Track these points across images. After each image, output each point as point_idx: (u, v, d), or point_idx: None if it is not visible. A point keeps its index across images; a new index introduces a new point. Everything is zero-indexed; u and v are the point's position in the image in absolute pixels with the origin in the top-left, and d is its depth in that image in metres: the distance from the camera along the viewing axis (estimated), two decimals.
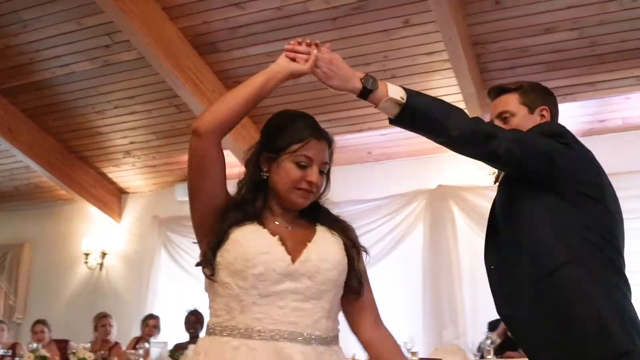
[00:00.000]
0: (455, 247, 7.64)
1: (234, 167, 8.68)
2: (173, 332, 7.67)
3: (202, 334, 7.05)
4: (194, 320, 7.41)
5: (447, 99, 7.41)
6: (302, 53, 2.29)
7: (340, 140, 8.70)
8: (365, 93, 2.42)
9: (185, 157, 8.29)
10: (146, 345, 6.50)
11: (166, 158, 8.77)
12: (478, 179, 7.89)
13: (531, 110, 2.81)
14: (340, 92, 2.47)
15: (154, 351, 6.41)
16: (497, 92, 2.88)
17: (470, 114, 7.12)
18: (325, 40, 7.12)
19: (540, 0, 6.25)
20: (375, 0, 6.39)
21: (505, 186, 2.72)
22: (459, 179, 7.90)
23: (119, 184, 9.54)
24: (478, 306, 7.38)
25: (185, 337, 7.39)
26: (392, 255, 7.73)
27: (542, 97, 2.86)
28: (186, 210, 8.61)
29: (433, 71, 7.06)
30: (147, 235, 9.21)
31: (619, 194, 7.70)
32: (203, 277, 8.17)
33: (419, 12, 6.41)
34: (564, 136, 2.63)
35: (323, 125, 8.33)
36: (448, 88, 7.14)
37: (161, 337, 7.38)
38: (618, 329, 2.37)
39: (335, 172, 9.02)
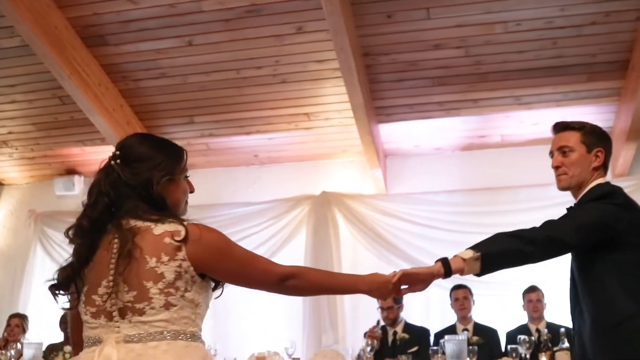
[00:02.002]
0: (337, 253, 7.75)
1: None
2: (48, 332, 7.40)
3: None
4: None
5: (336, 108, 7.51)
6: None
7: (227, 141, 8.69)
8: (448, 269, 2.75)
9: (66, 150, 8.01)
10: (18, 345, 6.23)
11: (46, 150, 8.46)
12: (362, 187, 8.04)
13: (589, 150, 3.05)
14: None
15: (27, 352, 6.15)
16: (562, 127, 3.14)
17: (357, 124, 7.27)
18: (217, 41, 7.13)
19: (430, 17, 6.44)
20: (270, 5, 6.41)
21: (576, 253, 3.00)
22: (343, 186, 8.01)
23: None
24: (358, 312, 7.51)
25: (60, 336, 7.15)
26: (276, 259, 7.71)
27: (599, 140, 3.10)
28: (65, 205, 8.33)
29: (323, 79, 7.14)
30: (22, 230, 8.83)
31: (495, 208, 7.99)
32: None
33: (313, 20, 6.48)
34: (614, 196, 2.93)
35: (210, 126, 8.31)
36: (337, 96, 7.23)
37: (36, 337, 7.09)
38: None
39: (221, 174, 8.97)
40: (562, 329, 5.70)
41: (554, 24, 6.42)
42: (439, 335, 6.26)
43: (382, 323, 6.54)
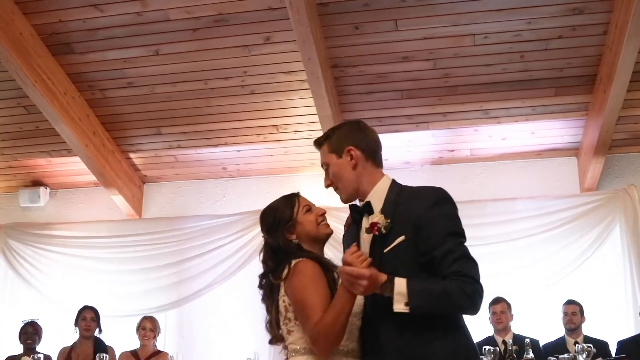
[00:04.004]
0: None
1: (85, 175, 8.29)
2: (7, 344, 7.28)
3: (40, 346, 6.63)
4: (32, 331, 7.01)
5: (305, 120, 7.43)
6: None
7: (195, 153, 8.58)
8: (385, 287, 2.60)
9: (31, 161, 7.83)
10: None
11: (10, 161, 8.32)
12: (330, 200, 7.96)
13: (339, 155, 2.87)
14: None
15: None
16: (316, 146, 3.00)
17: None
18: (184, 50, 7.04)
19: (398, 29, 6.43)
20: (237, 15, 6.37)
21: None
22: (311, 200, 7.91)
23: None
24: None
25: (19, 348, 7.02)
26: (243, 272, 7.68)
27: (346, 138, 2.88)
28: (30, 217, 8.19)
29: (291, 90, 7.10)
30: None
31: (463, 221, 7.97)
32: (44, 288, 7.82)
33: (281, 30, 6.45)
34: (451, 199, 2.77)
35: (178, 138, 8.18)
36: (306, 108, 7.19)
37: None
38: None
39: (189, 186, 8.86)
40: (527, 340, 5.68)
41: (521, 37, 6.44)
42: None
43: None
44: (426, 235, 2.62)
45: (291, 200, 3.04)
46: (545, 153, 7.73)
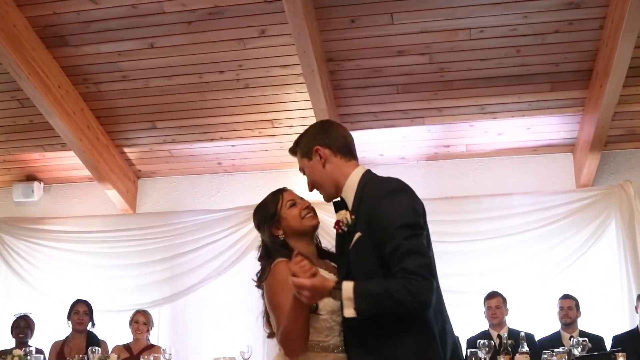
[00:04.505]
0: None
1: (79, 169, 8.24)
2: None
3: (32, 340, 6.58)
4: (24, 325, 6.99)
5: (300, 114, 7.39)
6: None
7: (190, 148, 8.51)
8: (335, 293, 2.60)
9: (25, 155, 7.76)
10: None
11: (4, 155, 8.27)
12: None
13: (309, 158, 2.90)
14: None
15: None
16: (292, 154, 3.06)
17: None
18: (179, 43, 6.98)
19: (394, 23, 6.40)
20: (232, 8, 6.33)
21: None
22: (306, 195, 7.90)
23: None
24: None
25: (11, 342, 6.99)
26: (237, 267, 7.67)
27: (312, 140, 2.92)
28: (24, 211, 8.13)
29: (287, 84, 7.07)
30: None
31: (458, 217, 7.94)
32: (37, 283, 7.77)
33: (276, 24, 6.42)
34: (407, 190, 2.71)
35: (173, 132, 8.11)
36: (301, 103, 7.17)
37: None
38: None
39: (184, 181, 8.80)
40: (522, 334, 5.67)
41: (518, 31, 6.41)
42: None
43: None
44: (377, 230, 2.61)
45: (276, 196, 3.07)
46: (541, 149, 7.71)
